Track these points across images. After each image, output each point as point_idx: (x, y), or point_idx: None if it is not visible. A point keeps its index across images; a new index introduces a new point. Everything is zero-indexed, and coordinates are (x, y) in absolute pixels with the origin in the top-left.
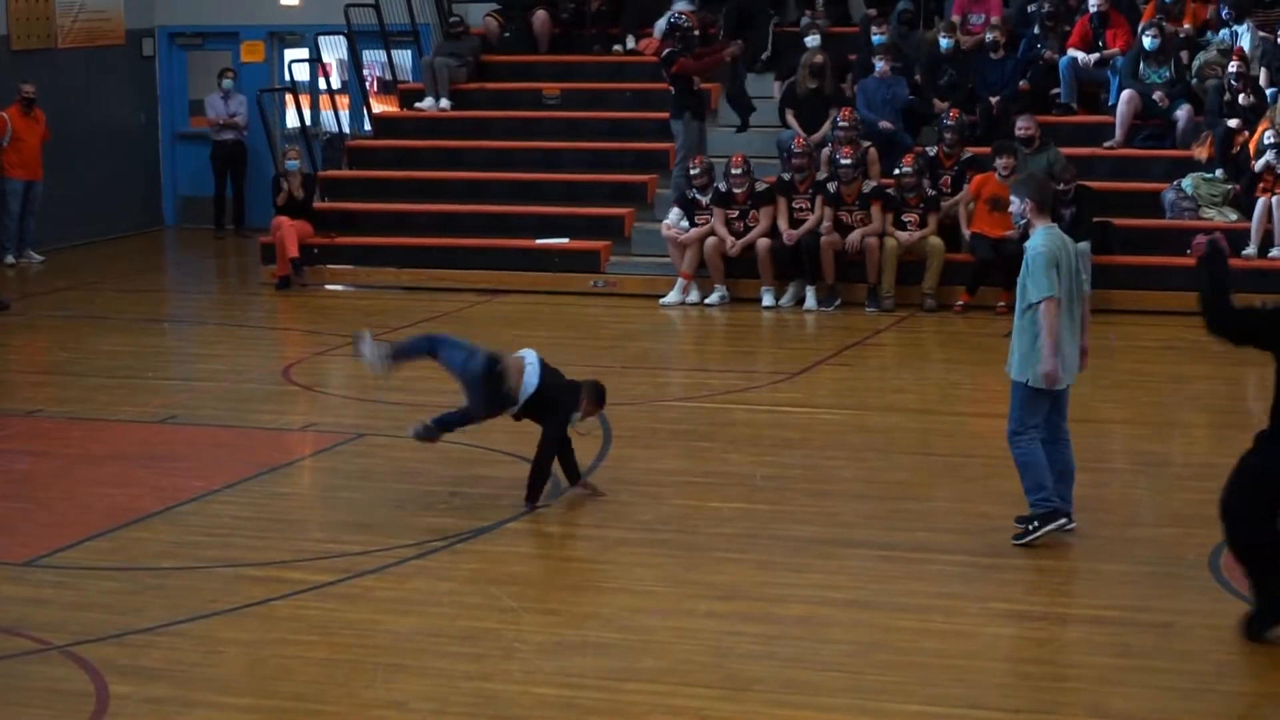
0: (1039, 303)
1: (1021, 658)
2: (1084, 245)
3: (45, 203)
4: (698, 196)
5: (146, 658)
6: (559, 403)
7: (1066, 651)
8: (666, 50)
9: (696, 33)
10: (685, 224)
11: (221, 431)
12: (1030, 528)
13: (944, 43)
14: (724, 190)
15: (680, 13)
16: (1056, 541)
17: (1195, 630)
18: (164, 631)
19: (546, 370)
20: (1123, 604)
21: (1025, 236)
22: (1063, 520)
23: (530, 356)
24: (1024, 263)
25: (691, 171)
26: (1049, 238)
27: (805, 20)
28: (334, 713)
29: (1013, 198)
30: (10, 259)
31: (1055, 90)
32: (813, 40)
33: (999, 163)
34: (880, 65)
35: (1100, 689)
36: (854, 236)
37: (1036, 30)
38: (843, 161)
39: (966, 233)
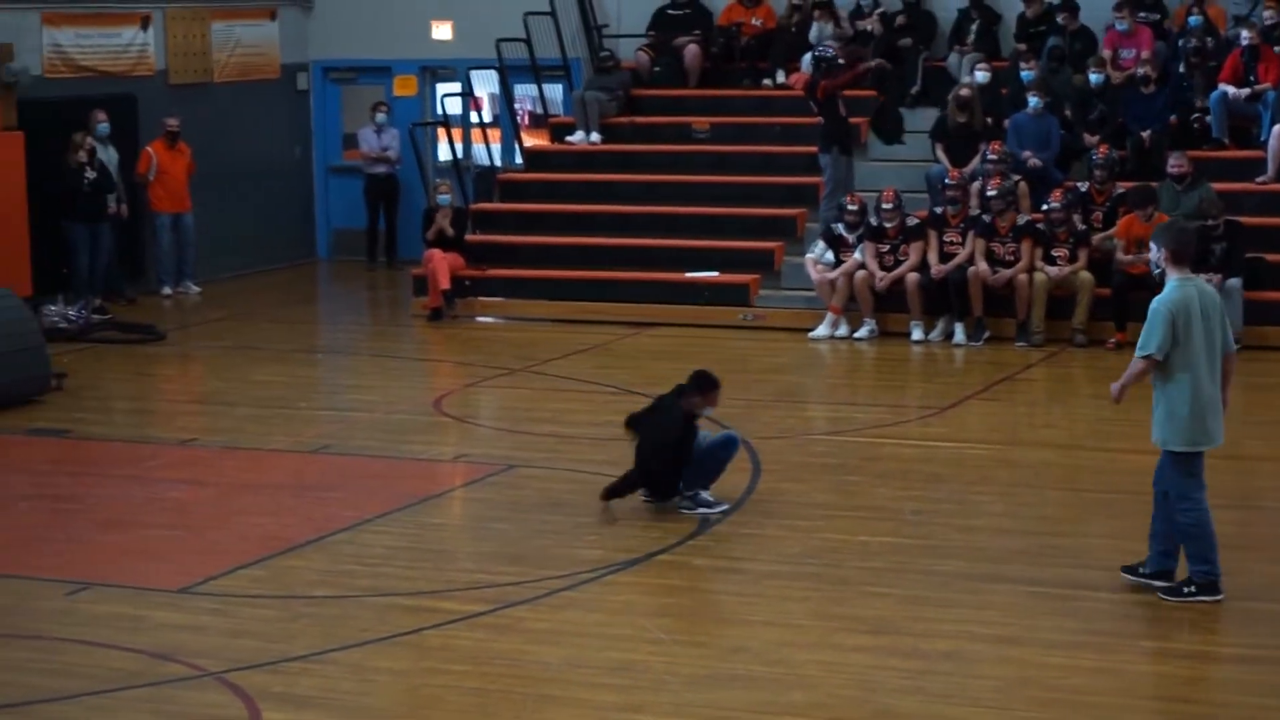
0: (1152, 356)
1: (1170, 696)
2: (1235, 281)
3: (200, 235)
4: (844, 234)
5: (299, 685)
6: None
7: (1216, 691)
8: (810, 80)
9: (841, 61)
10: (830, 257)
11: (373, 462)
12: (1187, 591)
13: (1094, 78)
14: (875, 224)
15: (827, 44)
16: None
17: None
18: (317, 659)
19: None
20: (1273, 644)
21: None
22: (1220, 596)
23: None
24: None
25: (850, 208)
26: (1179, 290)
27: (953, 55)
28: None
29: (1151, 244)
30: (167, 290)
31: (1202, 120)
32: (983, 75)
33: (1138, 214)
34: (1034, 102)
35: None
36: (1002, 276)
37: (1182, 67)
38: (989, 193)
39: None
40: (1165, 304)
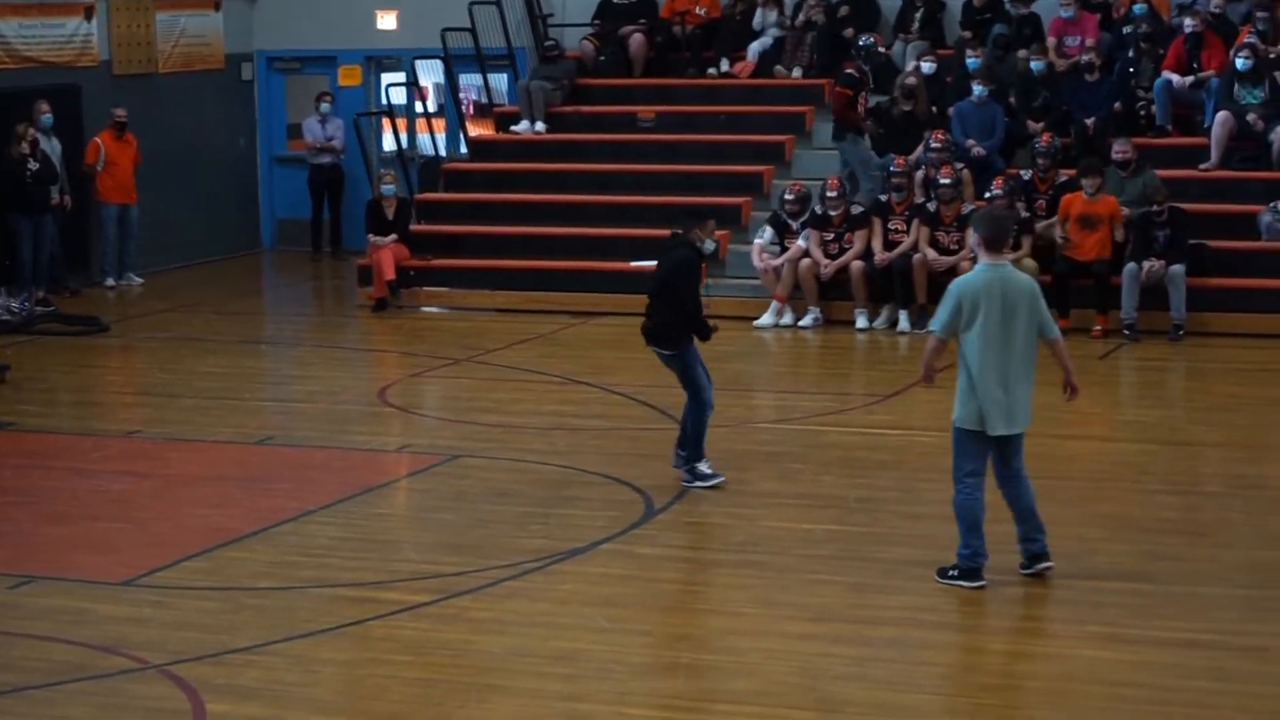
0: (935, 333)
1: (1116, 681)
2: (1178, 268)
3: (144, 226)
4: (788, 221)
5: (243, 677)
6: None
7: (1162, 675)
8: (847, 72)
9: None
10: (775, 246)
11: (317, 453)
12: (950, 574)
13: (1035, 65)
14: (819, 212)
15: (873, 37)
16: (1151, 565)
17: None
18: (260, 651)
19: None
20: (1218, 627)
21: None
22: (981, 583)
23: None
24: None
25: (786, 197)
26: (979, 276)
27: (898, 44)
28: None
29: (971, 231)
30: (111, 282)
31: (1149, 110)
32: (929, 66)
33: (1085, 182)
34: (979, 90)
35: (1196, 713)
36: (945, 263)
37: (1131, 53)
38: (942, 181)
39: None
40: (957, 286)
